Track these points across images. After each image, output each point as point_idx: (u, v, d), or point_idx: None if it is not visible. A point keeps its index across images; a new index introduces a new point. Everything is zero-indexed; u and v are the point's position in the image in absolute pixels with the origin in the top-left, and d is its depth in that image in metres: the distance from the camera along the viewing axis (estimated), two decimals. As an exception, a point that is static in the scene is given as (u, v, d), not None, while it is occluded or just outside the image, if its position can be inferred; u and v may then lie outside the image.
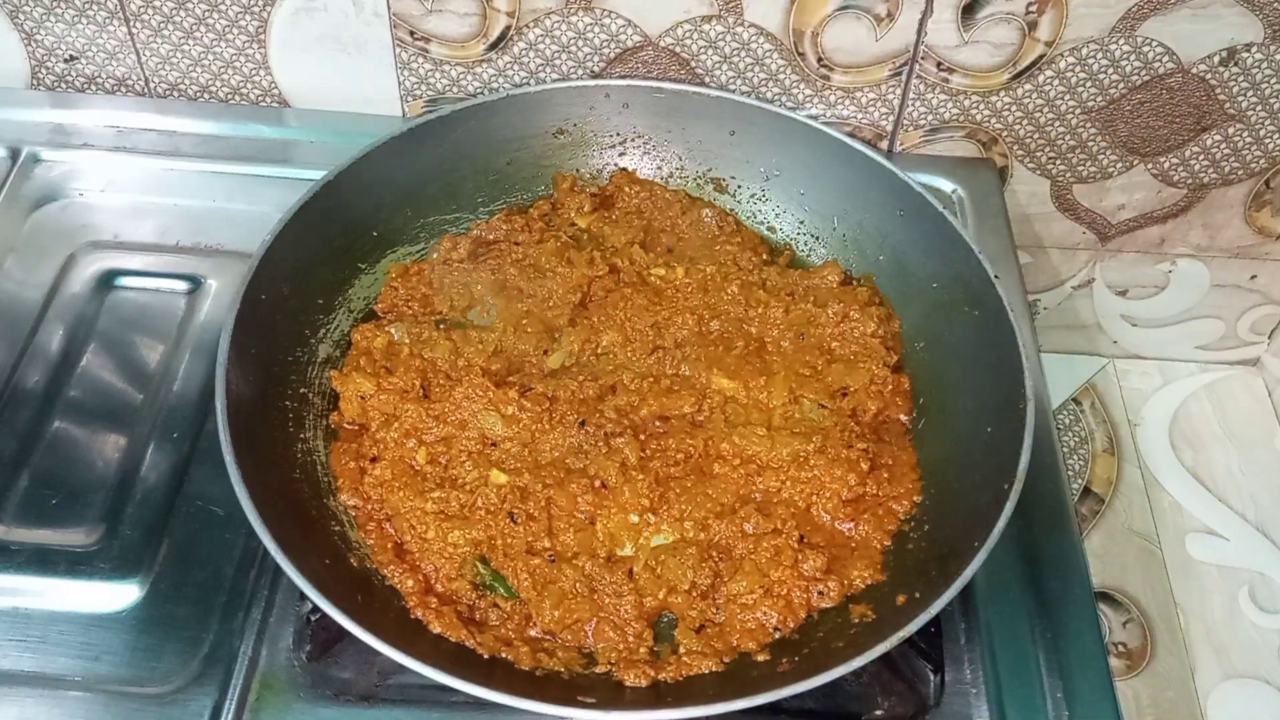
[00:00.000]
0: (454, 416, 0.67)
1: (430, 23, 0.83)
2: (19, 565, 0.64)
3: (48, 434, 0.70)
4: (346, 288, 0.75)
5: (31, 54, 0.87)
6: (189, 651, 0.61)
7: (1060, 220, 0.95)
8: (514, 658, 0.59)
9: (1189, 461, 1.01)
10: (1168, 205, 0.94)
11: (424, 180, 0.78)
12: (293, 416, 0.68)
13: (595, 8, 0.81)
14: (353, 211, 0.75)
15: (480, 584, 0.62)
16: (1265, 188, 0.92)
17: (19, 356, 0.73)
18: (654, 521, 0.64)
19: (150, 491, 0.67)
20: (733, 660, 0.60)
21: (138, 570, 0.64)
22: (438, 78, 0.87)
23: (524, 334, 0.72)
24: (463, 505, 0.64)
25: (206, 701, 0.59)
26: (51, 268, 0.79)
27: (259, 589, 0.63)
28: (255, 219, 0.79)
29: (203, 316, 0.76)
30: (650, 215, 0.80)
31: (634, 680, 0.58)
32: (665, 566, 0.62)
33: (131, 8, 0.83)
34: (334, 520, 0.64)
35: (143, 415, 0.71)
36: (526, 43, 0.84)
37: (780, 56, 0.83)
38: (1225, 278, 1.00)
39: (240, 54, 0.86)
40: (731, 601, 0.62)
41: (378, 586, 0.61)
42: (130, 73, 0.88)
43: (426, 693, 0.59)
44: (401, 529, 0.64)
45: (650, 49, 0.84)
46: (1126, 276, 1.01)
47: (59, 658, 0.61)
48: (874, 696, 0.61)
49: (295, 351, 0.70)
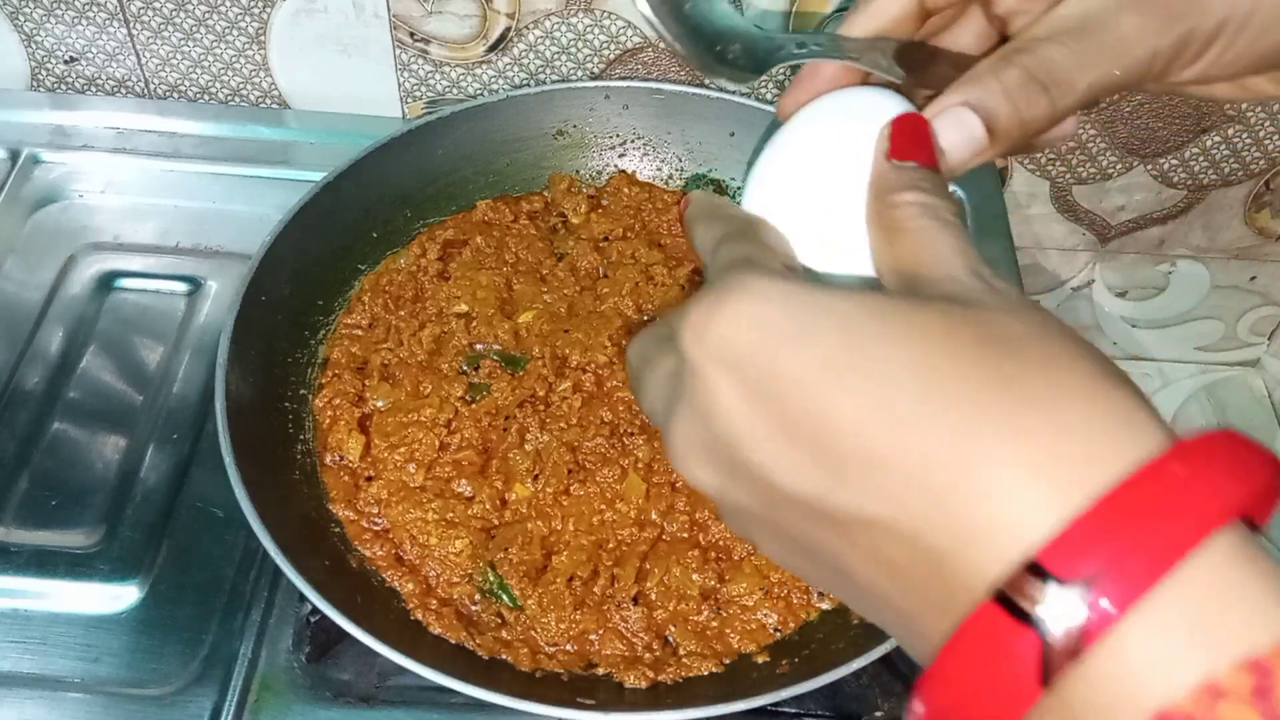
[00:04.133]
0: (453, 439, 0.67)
1: (430, 24, 0.83)
2: (18, 567, 0.64)
3: (47, 435, 0.70)
4: (346, 289, 0.75)
5: (31, 55, 0.87)
6: (189, 653, 0.61)
7: (1060, 221, 0.95)
8: (514, 659, 0.59)
9: (1189, 463, 1.01)
10: (1167, 206, 0.94)
11: (424, 181, 0.78)
12: (292, 418, 0.68)
13: (595, 9, 0.81)
14: (353, 213, 0.75)
15: (486, 590, 0.62)
16: (1265, 189, 0.92)
17: (19, 358, 0.73)
18: (657, 522, 0.64)
19: (150, 493, 0.67)
20: (732, 662, 0.60)
21: (137, 572, 0.64)
22: (437, 79, 0.87)
23: (495, 319, 0.72)
24: (467, 514, 0.64)
25: (206, 703, 0.59)
26: (51, 269, 0.79)
27: (259, 590, 0.63)
28: (255, 220, 0.79)
29: (203, 318, 0.76)
30: (647, 215, 0.80)
31: (634, 682, 0.58)
32: (672, 575, 0.62)
33: (131, 9, 0.83)
34: (334, 522, 0.64)
35: (142, 416, 0.71)
36: (526, 44, 0.84)
37: (780, 58, 0.83)
38: (1225, 279, 1.00)
39: (240, 55, 0.86)
40: (732, 603, 0.62)
41: (377, 588, 0.61)
42: (130, 74, 0.88)
43: (426, 694, 0.59)
44: (400, 539, 0.63)
45: (650, 50, 0.84)
46: (1126, 278, 1.01)
47: (58, 659, 0.61)
48: (874, 698, 0.61)
49: (295, 353, 0.70)
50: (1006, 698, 0.24)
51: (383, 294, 0.74)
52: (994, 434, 0.25)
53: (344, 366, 0.71)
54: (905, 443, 0.26)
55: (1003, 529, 0.25)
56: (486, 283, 0.74)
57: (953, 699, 0.25)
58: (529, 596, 0.61)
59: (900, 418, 0.26)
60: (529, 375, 0.69)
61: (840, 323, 0.28)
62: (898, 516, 0.26)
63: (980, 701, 0.25)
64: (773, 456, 0.28)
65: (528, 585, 0.61)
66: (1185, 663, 0.23)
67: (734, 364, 0.29)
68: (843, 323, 0.28)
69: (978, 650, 0.25)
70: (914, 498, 0.26)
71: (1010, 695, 0.24)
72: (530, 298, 0.73)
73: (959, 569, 0.26)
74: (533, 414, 0.67)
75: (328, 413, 0.68)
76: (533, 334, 0.72)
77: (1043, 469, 0.25)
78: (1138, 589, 0.23)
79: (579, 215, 0.79)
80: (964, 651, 0.25)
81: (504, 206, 0.79)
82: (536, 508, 0.64)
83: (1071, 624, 0.23)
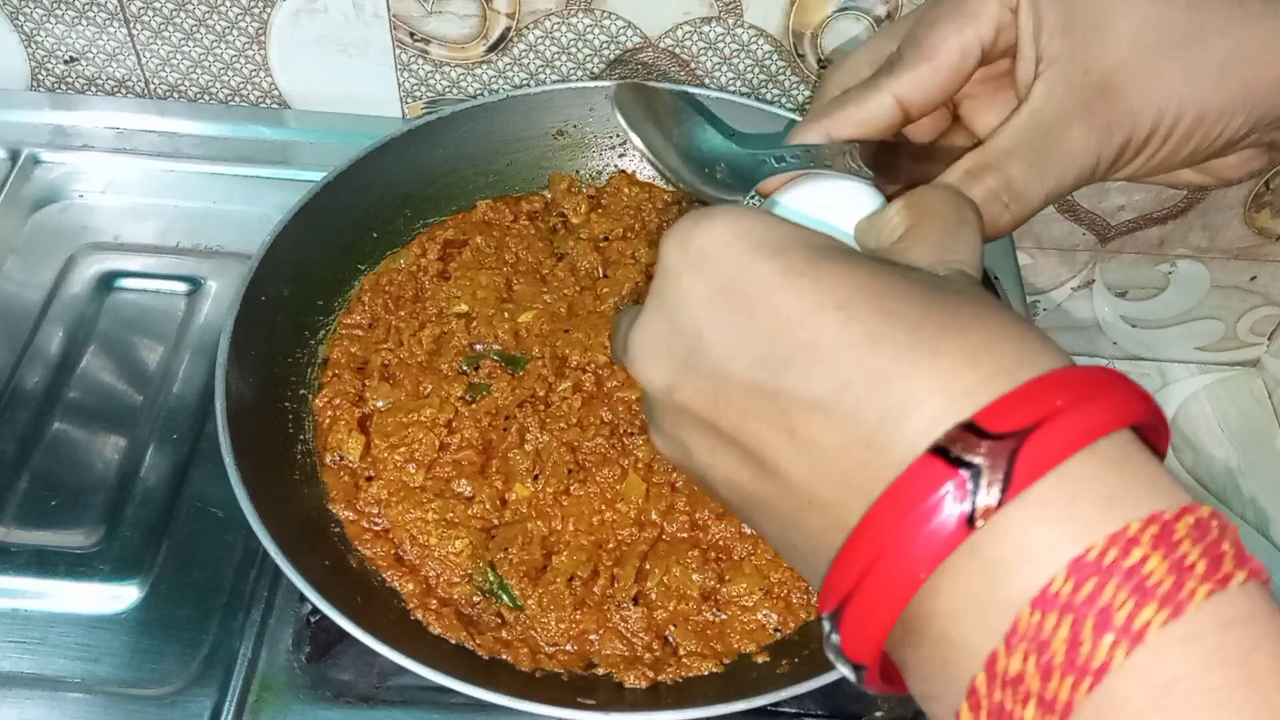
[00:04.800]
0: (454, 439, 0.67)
1: (430, 24, 0.83)
2: (18, 567, 0.64)
3: (47, 435, 0.70)
4: (346, 289, 0.75)
5: (31, 55, 0.87)
6: (189, 653, 0.61)
7: (1060, 221, 0.95)
8: (514, 659, 0.59)
9: (1189, 462, 1.01)
10: (1167, 206, 0.94)
11: (424, 182, 0.78)
12: (292, 418, 0.68)
13: (595, 9, 0.81)
14: (352, 213, 0.75)
15: (486, 590, 0.62)
16: (1265, 189, 0.92)
17: (19, 358, 0.73)
18: (657, 522, 0.64)
19: (150, 493, 0.67)
20: (732, 662, 0.60)
21: (137, 572, 0.64)
22: (437, 79, 0.87)
23: (496, 318, 0.72)
24: (467, 514, 0.64)
25: (206, 703, 0.59)
26: (51, 269, 0.79)
27: (259, 590, 0.63)
28: (255, 220, 0.80)
29: (203, 318, 0.76)
30: (647, 215, 0.80)
31: (634, 682, 0.58)
32: (672, 575, 0.62)
33: (131, 9, 0.83)
34: (334, 522, 0.64)
35: (142, 416, 0.71)
36: (526, 44, 0.84)
37: (780, 58, 0.83)
38: (1225, 279, 1.00)
39: (240, 55, 0.86)
40: (732, 603, 0.62)
41: (377, 588, 0.61)
42: (130, 74, 0.88)
43: (426, 694, 0.59)
44: (400, 539, 0.63)
45: (650, 50, 0.84)
46: (1126, 278, 1.01)
47: (58, 659, 0.61)
48: (874, 698, 0.61)
49: (295, 353, 0.70)
50: (933, 542, 0.27)
51: (383, 294, 0.74)
52: (937, 333, 0.29)
53: (344, 366, 0.71)
54: (853, 337, 0.29)
55: (939, 403, 0.28)
56: (486, 283, 0.74)
57: (878, 549, 0.27)
58: (529, 596, 0.61)
59: (853, 318, 0.30)
60: (529, 375, 0.69)
61: (808, 244, 0.33)
62: (840, 397, 0.29)
63: (908, 547, 0.27)
64: (730, 344, 0.32)
65: (528, 585, 0.61)
66: (1098, 518, 0.26)
67: (708, 265, 0.33)
68: (810, 244, 0.33)
69: (913, 493, 0.27)
70: (857, 379, 0.29)
71: (937, 540, 0.27)
72: (530, 298, 0.73)
73: (889, 441, 0.28)
74: (533, 414, 0.67)
75: (328, 413, 0.68)
76: (533, 334, 0.72)
77: (978, 364, 0.28)
78: (1059, 453, 0.26)
79: (579, 215, 0.79)
80: (899, 496, 0.27)
81: (504, 206, 0.79)
82: (536, 508, 0.64)
83: (998, 475, 0.26)
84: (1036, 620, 0.25)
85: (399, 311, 0.73)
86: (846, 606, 0.29)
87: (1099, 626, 0.25)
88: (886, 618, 0.28)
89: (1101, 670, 0.25)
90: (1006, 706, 0.26)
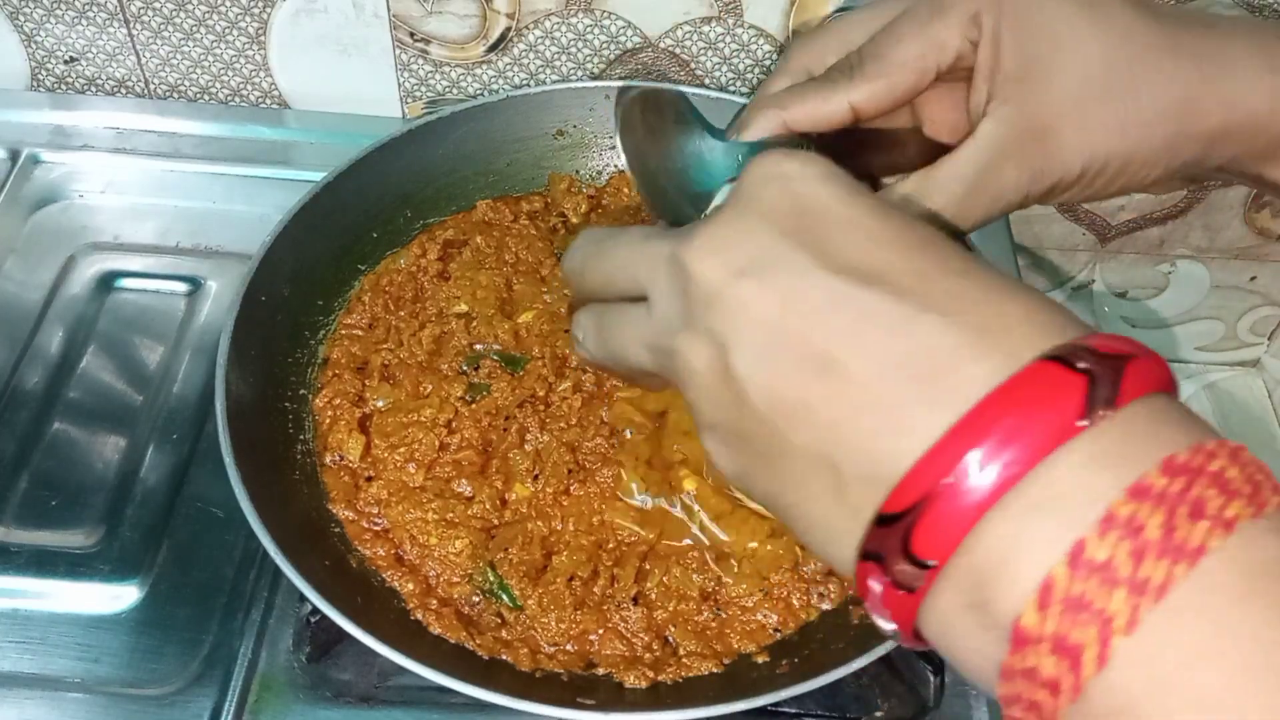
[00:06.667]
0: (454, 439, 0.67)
1: (430, 24, 0.83)
2: (18, 567, 0.64)
3: (47, 435, 0.70)
4: (346, 289, 0.75)
5: (31, 55, 0.87)
6: (189, 653, 0.61)
7: (1060, 221, 0.95)
8: (514, 659, 0.59)
9: (1189, 463, 1.01)
10: (1167, 206, 0.94)
11: (424, 181, 0.78)
12: (292, 418, 0.68)
13: (595, 9, 0.81)
14: (352, 213, 0.75)
15: (486, 590, 0.62)
16: (1265, 189, 0.92)
17: (19, 358, 0.73)
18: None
19: (150, 493, 0.67)
20: (732, 662, 0.60)
21: (137, 572, 0.64)
22: (437, 79, 0.87)
23: (495, 318, 0.72)
24: (467, 514, 0.64)
25: (206, 703, 0.59)
26: (51, 269, 0.79)
27: (259, 590, 0.63)
28: (255, 220, 0.80)
29: (203, 318, 0.76)
30: (647, 215, 0.80)
31: (634, 682, 0.58)
32: (672, 575, 0.62)
33: (131, 9, 0.83)
34: (333, 522, 0.64)
35: (142, 416, 0.71)
36: (526, 44, 0.84)
37: (780, 58, 0.83)
38: (1225, 279, 1.00)
39: (240, 55, 0.86)
40: (732, 603, 0.62)
41: (377, 588, 0.61)
42: (130, 74, 0.88)
43: (426, 694, 0.59)
44: (401, 539, 0.63)
45: (650, 50, 0.84)
46: (1126, 278, 1.01)
47: (58, 659, 0.61)
48: (874, 698, 0.61)
49: (295, 352, 0.70)
50: (1051, 427, 0.29)
51: (383, 294, 0.74)
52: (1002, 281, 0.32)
53: (344, 366, 0.70)
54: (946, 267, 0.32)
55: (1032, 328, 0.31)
56: (486, 283, 0.74)
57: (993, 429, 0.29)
58: (529, 596, 0.61)
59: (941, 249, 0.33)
60: (529, 375, 0.69)
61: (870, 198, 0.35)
62: (925, 305, 0.31)
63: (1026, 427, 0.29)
64: (819, 248, 0.33)
65: (528, 585, 0.61)
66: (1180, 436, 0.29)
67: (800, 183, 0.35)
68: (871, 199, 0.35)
69: (1033, 386, 0.29)
70: (951, 294, 0.31)
71: (1054, 426, 0.29)
72: (530, 298, 0.73)
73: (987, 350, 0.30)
74: (533, 414, 0.67)
75: (328, 413, 0.68)
76: (533, 334, 0.72)
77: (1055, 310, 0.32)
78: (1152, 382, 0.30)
79: (579, 215, 0.79)
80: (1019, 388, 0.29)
81: (504, 206, 0.79)
82: (536, 508, 0.64)
83: (1107, 385, 0.29)
84: (1131, 510, 0.27)
85: (399, 311, 0.73)
86: (935, 496, 0.29)
87: (1194, 515, 0.27)
88: (990, 497, 0.29)
89: (1198, 551, 0.27)
90: (1087, 597, 0.27)
